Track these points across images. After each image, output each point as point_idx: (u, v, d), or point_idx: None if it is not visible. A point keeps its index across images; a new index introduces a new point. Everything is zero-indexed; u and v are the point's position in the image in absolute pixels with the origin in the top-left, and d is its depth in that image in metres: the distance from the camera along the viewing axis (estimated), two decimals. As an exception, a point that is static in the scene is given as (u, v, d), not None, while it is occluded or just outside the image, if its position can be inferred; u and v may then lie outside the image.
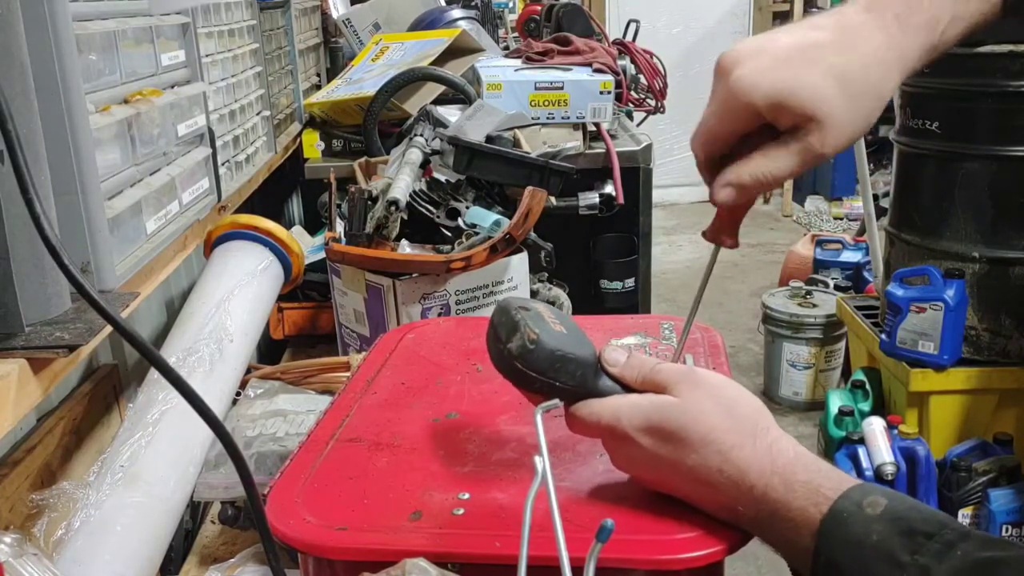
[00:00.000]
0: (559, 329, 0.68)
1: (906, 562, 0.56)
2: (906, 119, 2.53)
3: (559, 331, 0.68)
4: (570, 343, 0.68)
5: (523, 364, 0.67)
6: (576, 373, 0.67)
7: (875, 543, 0.57)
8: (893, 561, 0.56)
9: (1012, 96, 2.31)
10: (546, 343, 0.66)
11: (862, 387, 2.67)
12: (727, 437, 0.63)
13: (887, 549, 0.57)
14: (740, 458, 0.62)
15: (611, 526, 0.55)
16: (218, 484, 1.06)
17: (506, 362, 0.68)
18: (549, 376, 0.67)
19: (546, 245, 1.51)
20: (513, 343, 0.67)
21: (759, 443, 0.62)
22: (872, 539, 0.57)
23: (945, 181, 2.43)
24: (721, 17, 5.89)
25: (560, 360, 0.67)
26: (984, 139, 2.36)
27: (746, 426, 0.63)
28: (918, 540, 0.56)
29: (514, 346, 0.67)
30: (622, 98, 2.17)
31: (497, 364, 0.70)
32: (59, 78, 0.84)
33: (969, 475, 2.22)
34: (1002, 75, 2.31)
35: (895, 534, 0.57)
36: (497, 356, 0.69)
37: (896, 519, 0.58)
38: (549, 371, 0.67)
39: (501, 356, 0.68)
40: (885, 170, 4.90)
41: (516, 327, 0.67)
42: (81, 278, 0.64)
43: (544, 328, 0.67)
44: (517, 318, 0.68)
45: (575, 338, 0.69)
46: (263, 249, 1.39)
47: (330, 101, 2.07)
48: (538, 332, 0.66)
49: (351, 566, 0.63)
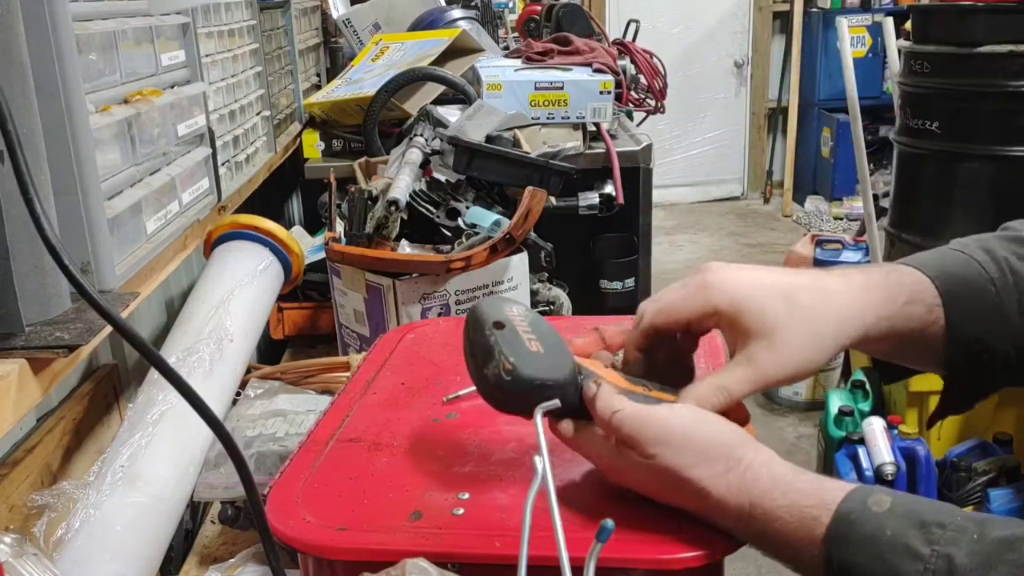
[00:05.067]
0: (535, 348, 0.66)
1: (926, 553, 0.56)
2: (906, 119, 2.53)
3: (535, 351, 0.66)
4: (547, 365, 0.66)
5: (500, 394, 0.66)
6: (554, 397, 0.65)
7: (890, 538, 0.57)
8: (912, 553, 0.56)
9: (1012, 96, 2.31)
10: (522, 372, 0.64)
11: (862, 387, 2.67)
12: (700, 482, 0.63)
13: (904, 542, 0.56)
14: (716, 496, 0.62)
15: (611, 526, 0.55)
16: (218, 484, 1.06)
17: (486, 389, 0.67)
18: (530, 402, 0.65)
19: (546, 245, 1.51)
20: (489, 371, 0.65)
21: (732, 477, 0.62)
22: (887, 535, 0.57)
23: (945, 181, 2.43)
24: (721, 17, 5.89)
25: (538, 388, 0.65)
26: (984, 139, 2.36)
27: (717, 468, 0.63)
28: (932, 530, 0.56)
29: (490, 374, 0.65)
30: (622, 98, 2.17)
31: (476, 385, 0.69)
32: (59, 78, 0.84)
33: (969, 475, 2.22)
34: (1002, 75, 2.31)
35: (908, 527, 0.57)
36: (476, 378, 0.68)
37: (906, 513, 0.58)
38: (529, 399, 0.65)
39: (480, 380, 0.67)
40: (885, 170, 4.90)
41: (491, 354, 0.65)
42: (81, 278, 0.64)
43: (519, 353, 0.65)
44: (491, 342, 0.66)
45: (552, 356, 0.67)
46: (263, 249, 1.39)
47: (330, 101, 2.07)
48: (513, 362, 0.64)
49: (351, 566, 0.63)
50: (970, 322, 0.70)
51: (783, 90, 5.89)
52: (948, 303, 0.70)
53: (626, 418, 0.64)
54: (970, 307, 0.70)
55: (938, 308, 0.69)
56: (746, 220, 5.80)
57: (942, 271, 0.71)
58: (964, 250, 0.72)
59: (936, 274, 0.70)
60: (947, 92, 2.40)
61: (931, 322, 0.70)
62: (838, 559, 0.58)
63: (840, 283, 0.69)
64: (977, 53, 2.32)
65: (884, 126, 4.98)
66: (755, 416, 0.69)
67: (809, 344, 0.67)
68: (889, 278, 0.70)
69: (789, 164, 5.87)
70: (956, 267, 0.71)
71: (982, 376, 0.71)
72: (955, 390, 0.73)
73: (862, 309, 0.68)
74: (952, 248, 0.73)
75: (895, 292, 0.69)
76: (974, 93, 2.35)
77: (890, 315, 0.69)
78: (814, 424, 3.07)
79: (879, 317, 0.69)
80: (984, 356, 0.70)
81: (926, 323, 0.70)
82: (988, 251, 0.71)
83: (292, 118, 2.07)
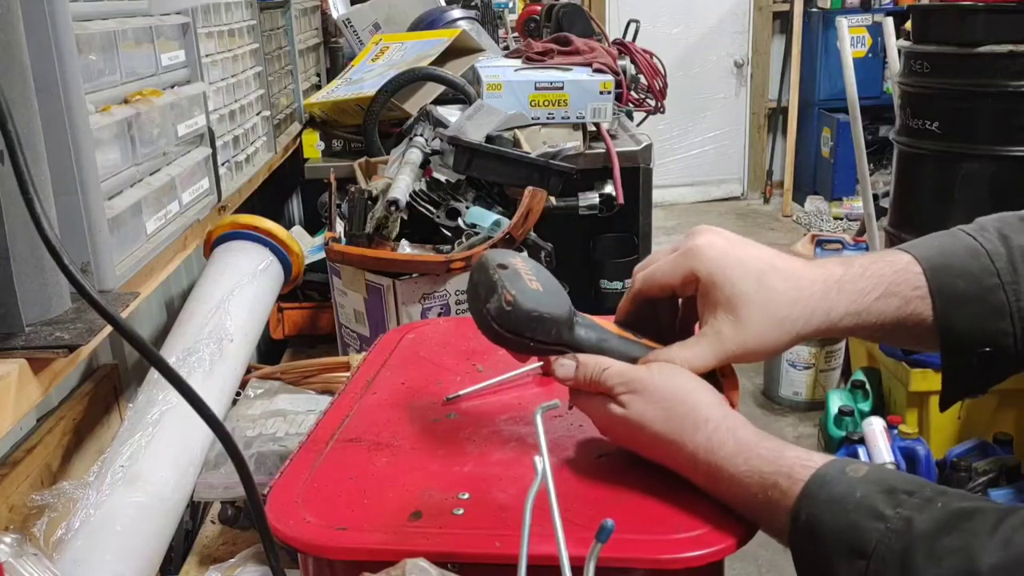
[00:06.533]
0: (535, 287, 0.71)
1: (889, 515, 0.58)
2: (906, 119, 2.53)
3: (535, 289, 0.70)
4: (546, 302, 0.70)
5: (500, 325, 0.69)
6: (551, 331, 0.70)
7: (858, 499, 0.59)
8: (875, 514, 0.58)
9: (1012, 96, 2.31)
10: (522, 304, 0.69)
11: (862, 387, 2.67)
12: (668, 440, 0.67)
13: (870, 504, 0.59)
14: (686, 453, 0.66)
15: (611, 526, 0.55)
16: (218, 484, 1.06)
17: (485, 323, 0.70)
18: (526, 335, 0.70)
19: (546, 245, 1.51)
20: (491, 304, 0.69)
21: (699, 437, 0.66)
22: (856, 496, 0.59)
23: (945, 181, 2.43)
24: (721, 17, 5.89)
25: (536, 320, 0.69)
26: (984, 139, 2.36)
27: (685, 426, 0.67)
28: (899, 496, 0.59)
29: (492, 307, 0.69)
30: (622, 98, 2.17)
31: (477, 323, 0.72)
32: (59, 78, 0.84)
33: (969, 475, 2.22)
34: (1002, 75, 2.31)
35: (878, 492, 0.59)
36: (477, 316, 0.72)
37: (878, 480, 0.61)
38: (526, 330, 0.69)
39: (480, 316, 0.71)
40: (885, 170, 4.90)
41: (494, 288, 0.69)
42: (81, 278, 0.64)
43: (520, 288, 0.69)
44: (495, 278, 0.70)
45: (551, 295, 0.71)
46: (263, 249, 1.39)
47: (330, 101, 2.07)
48: (514, 294, 0.69)
49: (351, 566, 0.63)
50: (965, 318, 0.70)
51: (783, 90, 5.88)
52: (939, 295, 0.70)
53: (613, 371, 0.69)
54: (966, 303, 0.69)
55: (919, 300, 0.70)
56: (746, 220, 5.80)
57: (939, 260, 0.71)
58: (978, 236, 0.72)
59: (929, 264, 0.71)
60: (947, 92, 2.40)
61: (908, 314, 0.70)
62: (806, 514, 0.60)
63: (817, 275, 0.71)
64: (977, 53, 2.32)
65: (884, 126, 4.97)
66: (755, 416, 0.69)
67: (771, 327, 0.69)
68: (869, 270, 0.72)
69: (789, 164, 5.87)
70: (958, 256, 0.71)
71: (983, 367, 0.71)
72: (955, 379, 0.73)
73: (830, 305, 0.70)
74: (966, 231, 0.73)
75: (869, 287, 0.71)
76: (974, 93, 2.35)
77: (859, 311, 0.71)
78: (814, 424, 3.07)
79: (846, 313, 0.70)
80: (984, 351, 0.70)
81: (902, 315, 0.71)
82: (1004, 239, 0.71)
83: (292, 118, 2.07)
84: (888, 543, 0.57)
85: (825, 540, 0.59)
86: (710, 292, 0.70)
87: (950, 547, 0.55)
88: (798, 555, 0.62)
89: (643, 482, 0.69)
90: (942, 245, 0.72)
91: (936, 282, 0.70)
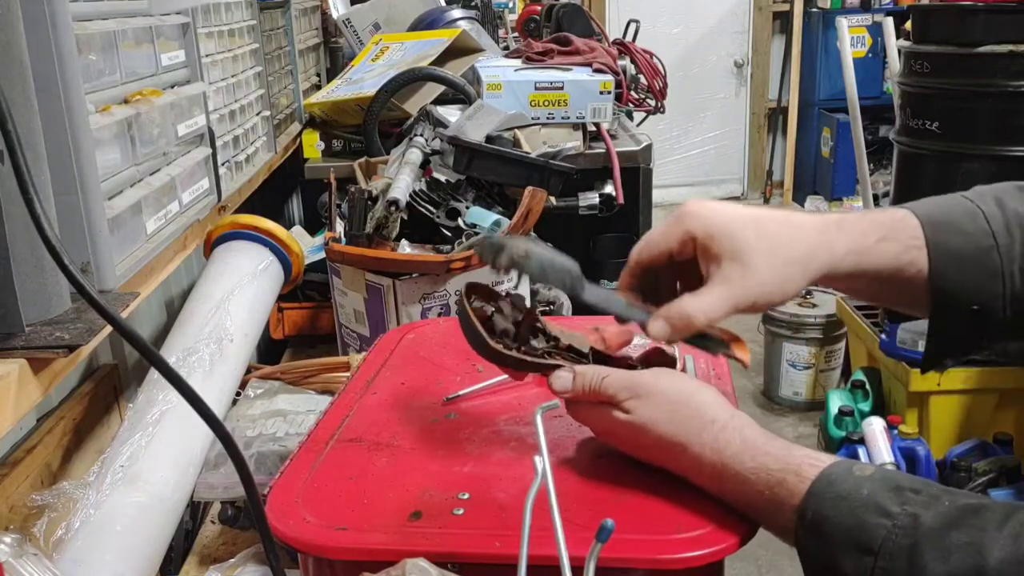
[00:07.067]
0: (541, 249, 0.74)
1: (896, 512, 0.58)
2: (906, 119, 2.53)
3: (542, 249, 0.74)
4: (556, 256, 0.74)
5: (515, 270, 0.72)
6: (566, 281, 0.73)
7: (865, 497, 0.60)
8: (882, 511, 0.59)
9: (1012, 96, 2.31)
10: (536, 252, 0.72)
11: (862, 387, 2.67)
12: (674, 442, 0.67)
13: (876, 501, 0.59)
14: (692, 453, 0.66)
15: (611, 526, 0.55)
16: (218, 484, 1.06)
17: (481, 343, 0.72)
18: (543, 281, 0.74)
19: (546, 245, 1.51)
20: (503, 258, 0.72)
21: (706, 436, 0.66)
22: (863, 493, 0.60)
23: (945, 181, 2.43)
24: (721, 17, 5.89)
25: (550, 266, 0.72)
26: (984, 139, 2.36)
27: (691, 427, 0.67)
28: (906, 494, 0.59)
29: (504, 260, 0.72)
30: (622, 98, 2.17)
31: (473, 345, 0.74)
32: (59, 78, 0.84)
33: (969, 475, 2.22)
34: (1002, 75, 2.31)
35: (884, 490, 0.60)
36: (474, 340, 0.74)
37: (884, 478, 0.61)
38: (542, 277, 0.73)
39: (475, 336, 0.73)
40: (885, 170, 4.90)
41: (503, 247, 0.72)
42: (81, 278, 0.64)
43: (529, 245, 0.73)
44: (502, 242, 0.73)
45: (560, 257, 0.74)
46: (263, 249, 1.39)
47: (330, 101, 2.07)
48: (526, 249, 0.72)
49: (351, 566, 0.63)
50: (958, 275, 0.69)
51: (783, 90, 5.88)
52: (934, 249, 0.70)
53: (612, 379, 0.69)
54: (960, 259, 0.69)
55: (916, 250, 0.70)
56: (746, 220, 5.80)
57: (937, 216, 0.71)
58: (976, 200, 0.72)
59: (927, 219, 0.70)
60: (947, 92, 2.40)
61: (907, 262, 0.70)
62: (812, 511, 0.61)
63: (812, 219, 0.71)
64: (977, 53, 2.32)
65: (884, 126, 4.97)
66: (755, 416, 0.69)
67: (776, 269, 0.69)
68: (866, 217, 0.72)
69: (789, 164, 5.87)
70: (955, 215, 0.71)
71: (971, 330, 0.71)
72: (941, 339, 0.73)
73: (831, 242, 0.70)
74: (964, 195, 0.73)
75: (868, 229, 0.71)
76: (974, 93, 2.35)
77: (860, 250, 0.70)
78: (814, 424, 3.07)
79: (848, 251, 0.70)
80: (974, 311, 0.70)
81: (901, 263, 0.70)
82: (1001, 204, 0.70)
83: (292, 118, 2.07)
84: (895, 539, 0.57)
85: (832, 537, 0.60)
86: (710, 246, 0.70)
87: (958, 542, 0.56)
88: (805, 553, 0.62)
89: (643, 482, 0.69)
90: (940, 203, 0.72)
91: (933, 236, 0.70)
